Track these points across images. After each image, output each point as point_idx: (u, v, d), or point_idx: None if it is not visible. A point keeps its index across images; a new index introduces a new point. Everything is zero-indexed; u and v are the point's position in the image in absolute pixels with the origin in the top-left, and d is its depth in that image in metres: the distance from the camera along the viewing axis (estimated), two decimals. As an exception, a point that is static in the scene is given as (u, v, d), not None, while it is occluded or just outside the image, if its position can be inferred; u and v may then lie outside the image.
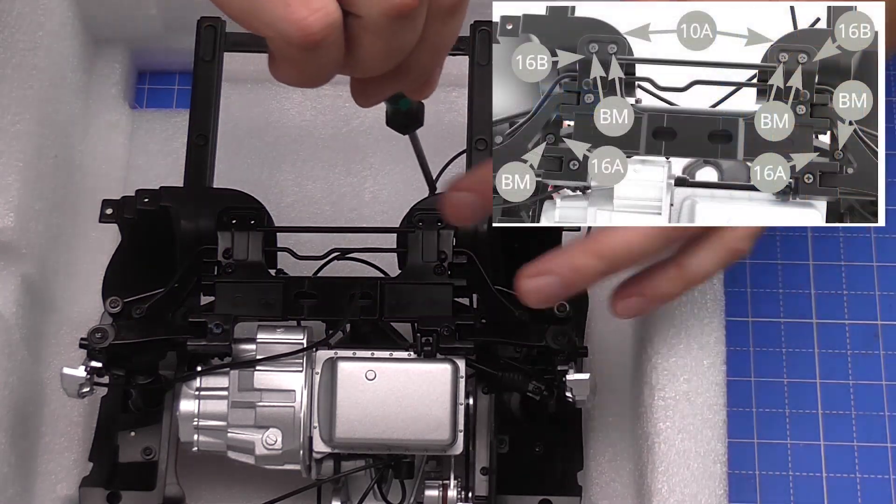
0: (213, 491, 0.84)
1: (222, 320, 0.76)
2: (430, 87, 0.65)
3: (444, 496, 0.77)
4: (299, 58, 0.58)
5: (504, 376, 0.77)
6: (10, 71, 0.86)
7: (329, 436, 0.75)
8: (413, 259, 0.79)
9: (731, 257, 0.73)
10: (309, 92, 0.95)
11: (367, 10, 0.57)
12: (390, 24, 0.58)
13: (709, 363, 0.78)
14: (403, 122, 0.74)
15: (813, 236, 0.93)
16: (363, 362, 0.75)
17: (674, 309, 0.79)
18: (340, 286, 0.78)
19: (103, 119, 0.95)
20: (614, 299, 0.75)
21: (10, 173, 0.83)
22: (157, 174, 0.93)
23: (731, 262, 0.74)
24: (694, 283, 0.75)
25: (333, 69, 0.60)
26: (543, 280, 0.72)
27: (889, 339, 0.90)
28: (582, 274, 0.71)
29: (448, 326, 0.76)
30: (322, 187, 0.93)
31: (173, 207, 0.80)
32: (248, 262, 0.79)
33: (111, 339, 0.75)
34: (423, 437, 0.74)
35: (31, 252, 0.85)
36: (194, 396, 0.76)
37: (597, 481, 0.84)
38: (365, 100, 0.64)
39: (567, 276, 0.71)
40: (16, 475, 0.80)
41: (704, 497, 0.75)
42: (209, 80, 0.84)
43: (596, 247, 0.71)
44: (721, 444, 0.76)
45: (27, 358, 0.83)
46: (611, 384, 0.85)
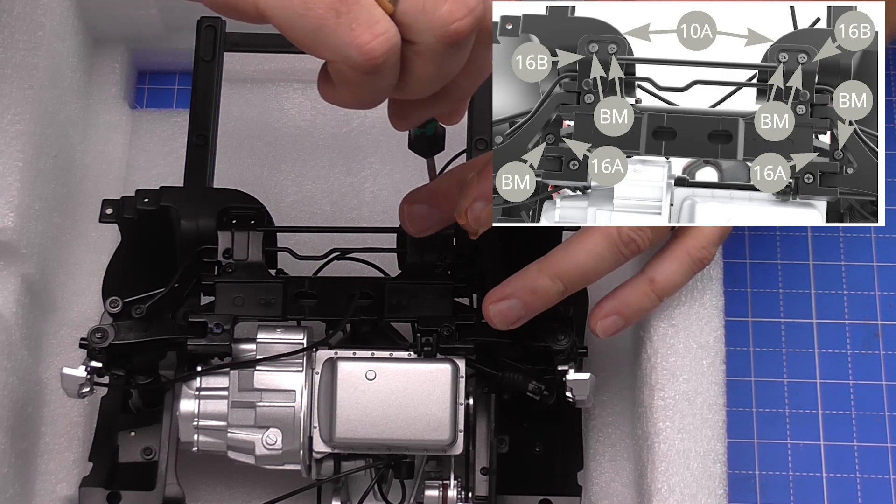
0: (213, 491, 0.84)
1: (222, 320, 0.76)
2: (460, 114, 0.68)
3: (444, 496, 0.77)
4: (358, 81, 0.60)
5: (504, 376, 0.77)
6: (10, 71, 0.86)
7: (329, 436, 0.75)
8: (413, 259, 0.79)
9: (696, 266, 0.77)
10: (309, 92, 0.96)
11: (423, 37, 0.59)
12: (444, 49, 0.60)
13: (708, 363, 0.78)
14: (427, 146, 0.75)
15: (813, 236, 0.93)
16: (363, 362, 0.75)
17: (673, 309, 0.79)
18: (340, 286, 0.78)
19: (103, 119, 0.95)
20: (593, 320, 0.78)
21: (10, 173, 0.83)
22: (157, 174, 0.93)
23: (698, 269, 0.78)
24: (665, 294, 0.78)
25: (387, 92, 0.62)
26: (506, 304, 0.75)
27: (889, 339, 0.91)
28: (541, 296, 0.75)
29: (448, 326, 0.76)
30: (322, 187, 0.93)
31: (173, 207, 0.80)
32: (248, 262, 0.79)
33: (111, 339, 0.75)
34: (424, 437, 0.74)
35: (31, 252, 0.85)
36: (194, 396, 0.76)
37: (597, 481, 0.84)
38: (404, 123, 0.67)
39: (528, 298, 0.75)
40: (16, 475, 0.80)
41: (704, 497, 0.75)
42: (209, 79, 0.84)
43: (551, 269, 0.75)
44: (721, 443, 0.76)
45: (27, 358, 0.83)
46: (611, 384, 0.86)
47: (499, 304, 0.75)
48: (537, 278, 0.75)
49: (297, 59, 0.95)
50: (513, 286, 0.75)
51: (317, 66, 0.94)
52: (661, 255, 0.77)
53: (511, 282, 0.75)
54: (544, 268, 0.75)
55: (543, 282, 0.75)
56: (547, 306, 0.76)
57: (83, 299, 0.89)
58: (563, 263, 0.75)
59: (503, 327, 0.75)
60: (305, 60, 0.94)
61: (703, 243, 0.77)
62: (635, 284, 0.78)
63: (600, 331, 0.78)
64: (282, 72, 0.96)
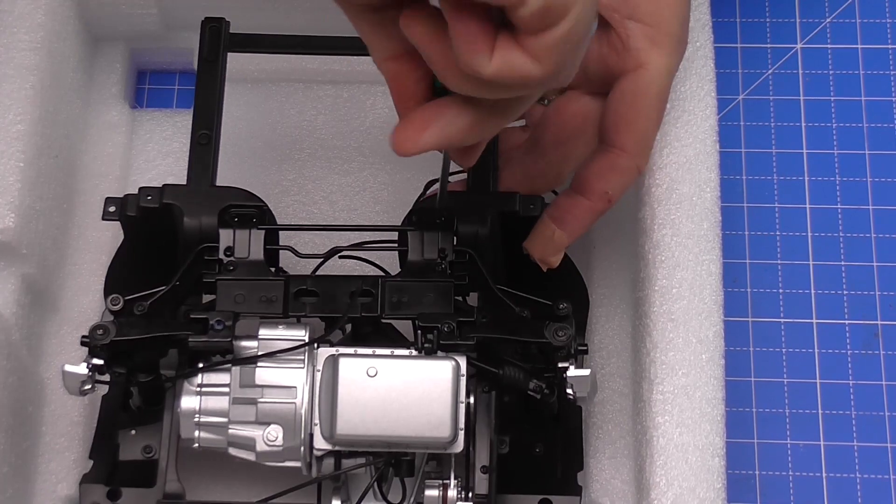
0: (213, 490, 0.84)
1: (224, 317, 0.76)
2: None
3: (444, 495, 0.77)
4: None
5: (505, 374, 0.77)
6: (10, 71, 0.86)
7: (330, 432, 0.74)
8: (414, 257, 0.79)
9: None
10: (310, 92, 0.96)
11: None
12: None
13: (707, 357, 0.78)
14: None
15: (813, 236, 0.93)
16: (364, 359, 0.75)
17: (673, 304, 0.79)
18: (341, 284, 0.78)
19: (103, 119, 0.95)
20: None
21: (10, 173, 0.83)
22: (157, 174, 0.93)
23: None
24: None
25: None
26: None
27: (889, 339, 0.91)
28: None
29: (449, 323, 0.76)
30: (322, 187, 0.94)
31: (176, 205, 0.80)
32: (250, 260, 0.79)
33: (113, 335, 0.75)
34: (424, 434, 0.74)
35: (31, 252, 0.85)
36: (196, 393, 0.76)
37: (597, 479, 0.84)
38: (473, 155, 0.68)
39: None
40: (16, 475, 0.80)
41: (702, 490, 0.75)
42: (213, 79, 0.84)
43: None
44: (719, 438, 0.76)
45: (27, 358, 0.84)
46: (611, 383, 0.86)
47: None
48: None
49: (298, 59, 0.95)
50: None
51: (317, 67, 0.95)
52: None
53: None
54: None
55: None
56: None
57: (84, 299, 0.89)
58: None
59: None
60: (307, 61, 0.96)
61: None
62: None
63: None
64: (282, 72, 0.96)
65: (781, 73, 0.98)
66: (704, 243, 0.80)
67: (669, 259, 0.80)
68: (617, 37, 0.77)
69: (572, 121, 0.81)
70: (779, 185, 0.95)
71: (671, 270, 0.80)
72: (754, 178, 0.95)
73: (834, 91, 0.97)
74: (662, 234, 0.81)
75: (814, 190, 0.95)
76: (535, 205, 0.79)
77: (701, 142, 0.82)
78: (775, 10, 1.00)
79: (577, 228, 0.79)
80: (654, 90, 0.77)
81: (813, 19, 1.00)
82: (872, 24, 0.99)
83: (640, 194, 0.83)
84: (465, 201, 0.80)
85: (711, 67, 0.84)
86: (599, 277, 0.88)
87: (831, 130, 0.96)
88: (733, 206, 0.94)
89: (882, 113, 0.97)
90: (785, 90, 0.98)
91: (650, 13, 0.77)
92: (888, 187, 0.95)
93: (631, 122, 0.78)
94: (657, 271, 0.80)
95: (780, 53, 0.99)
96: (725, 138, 0.87)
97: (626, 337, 0.86)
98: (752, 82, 0.98)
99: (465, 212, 0.79)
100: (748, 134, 0.97)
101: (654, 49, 0.77)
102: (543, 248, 0.79)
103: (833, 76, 0.98)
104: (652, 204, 0.81)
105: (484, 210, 0.79)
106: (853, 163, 0.95)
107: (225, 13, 0.86)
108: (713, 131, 0.83)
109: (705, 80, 0.84)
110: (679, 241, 0.80)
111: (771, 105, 0.97)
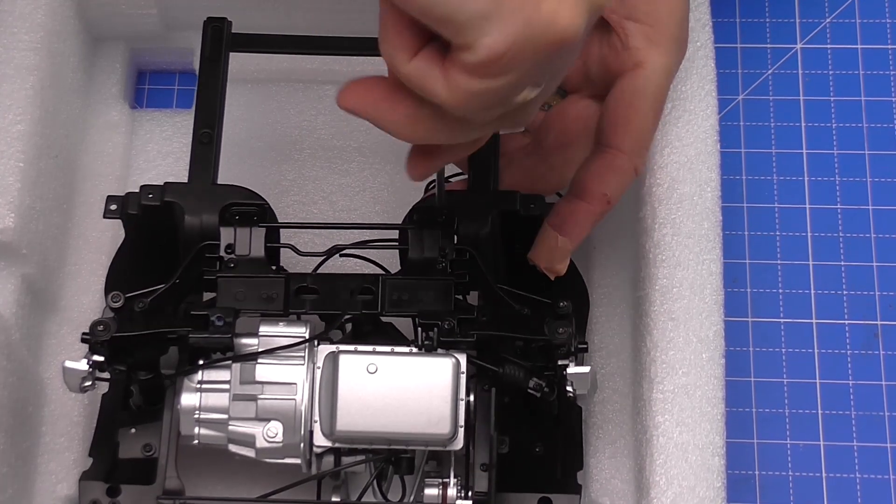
0: (212, 488, 0.84)
1: (224, 313, 0.76)
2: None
3: (443, 494, 0.77)
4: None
5: (505, 372, 0.77)
6: (10, 71, 0.86)
7: (330, 429, 0.74)
8: (414, 256, 0.79)
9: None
10: (310, 92, 0.96)
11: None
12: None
13: (707, 357, 0.78)
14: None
15: (813, 236, 0.93)
16: (365, 356, 0.75)
17: (673, 303, 0.79)
18: (342, 281, 0.78)
19: (103, 119, 0.95)
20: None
21: (10, 173, 0.83)
22: (158, 174, 0.93)
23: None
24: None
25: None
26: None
27: (889, 339, 0.91)
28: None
29: (449, 320, 0.76)
30: (322, 187, 0.94)
31: (177, 203, 0.80)
32: (250, 258, 0.79)
33: (113, 331, 0.75)
34: (424, 431, 0.74)
35: (31, 252, 0.85)
36: (196, 389, 0.76)
37: (597, 478, 0.84)
38: (429, 166, 0.69)
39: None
40: (16, 475, 0.80)
41: (702, 489, 0.75)
42: (215, 78, 0.84)
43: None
44: (719, 437, 0.76)
45: (27, 358, 0.83)
46: (611, 382, 0.86)
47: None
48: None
49: (298, 59, 0.95)
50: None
51: (317, 67, 0.95)
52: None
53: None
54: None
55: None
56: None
57: (84, 299, 0.89)
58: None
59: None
60: (307, 61, 0.96)
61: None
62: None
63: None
64: (283, 72, 0.96)
65: (781, 73, 0.98)
66: (705, 243, 0.80)
67: (670, 258, 0.80)
68: (617, 37, 0.77)
69: (574, 124, 0.81)
70: (779, 186, 0.95)
71: (672, 270, 0.80)
72: (754, 179, 0.95)
73: (834, 91, 0.97)
74: (663, 234, 0.81)
75: (814, 190, 0.95)
76: (536, 204, 0.79)
77: (702, 141, 0.82)
78: (775, 10, 1.00)
79: (579, 233, 0.79)
80: (651, 90, 0.77)
81: (813, 19, 1.00)
82: (872, 25, 0.99)
83: (641, 194, 0.83)
84: (466, 200, 0.80)
85: (712, 67, 0.84)
86: (599, 277, 0.88)
87: (831, 130, 0.96)
88: (733, 206, 0.93)
89: (882, 113, 0.97)
90: (785, 90, 0.98)
91: (648, 13, 0.77)
92: (888, 187, 0.95)
93: (628, 121, 0.77)
94: (658, 270, 0.80)
95: (779, 53, 0.99)
96: (725, 138, 0.87)
97: (626, 336, 0.86)
98: (751, 82, 0.98)
99: (466, 211, 0.79)
100: (748, 134, 0.97)
101: (652, 48, 0.77)
102: (549, 256, 0.79)
103: (833, 76, 0.98)
104: (653, 203, 0.81)
105: (484, 209, 0.79)
106: (853, 163, 0.95)
107: (225, 13, 0.86)
108: (714, 131, 0.83)
109: (706, 80, 0.84)
110: (680, 240, 0.80)
111: (771, 105, 0.97)
